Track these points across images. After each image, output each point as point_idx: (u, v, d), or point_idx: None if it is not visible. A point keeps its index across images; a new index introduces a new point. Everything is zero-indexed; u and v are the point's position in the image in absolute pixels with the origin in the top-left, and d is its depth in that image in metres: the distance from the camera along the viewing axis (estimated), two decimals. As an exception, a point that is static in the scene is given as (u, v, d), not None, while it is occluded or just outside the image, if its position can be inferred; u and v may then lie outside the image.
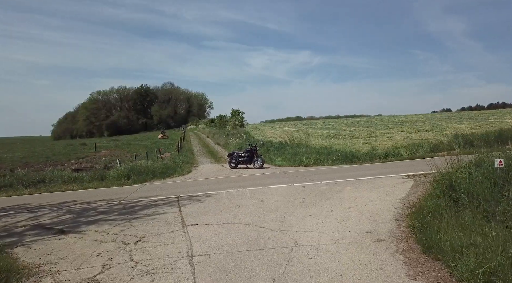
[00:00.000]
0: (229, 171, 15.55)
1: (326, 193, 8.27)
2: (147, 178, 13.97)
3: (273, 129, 41.59)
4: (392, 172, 10.52)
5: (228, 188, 9.86)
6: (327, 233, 5.70)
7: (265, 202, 7.80)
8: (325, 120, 53.99)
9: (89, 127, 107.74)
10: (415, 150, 15.85)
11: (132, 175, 14.00)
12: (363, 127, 33.34)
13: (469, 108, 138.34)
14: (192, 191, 9.88)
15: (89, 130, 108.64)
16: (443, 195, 6.59)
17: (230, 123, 40.40)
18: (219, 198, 8.43)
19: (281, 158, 18.30)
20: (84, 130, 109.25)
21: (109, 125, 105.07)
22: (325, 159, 15.76)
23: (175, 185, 11.67)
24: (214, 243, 5.45)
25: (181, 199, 8.64)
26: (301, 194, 8.33)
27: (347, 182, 9.36)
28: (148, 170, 14.60)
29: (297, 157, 16.83)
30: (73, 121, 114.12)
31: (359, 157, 15.53)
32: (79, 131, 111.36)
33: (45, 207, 8.87)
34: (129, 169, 14.34)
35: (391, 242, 5.28)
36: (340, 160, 15.39)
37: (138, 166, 14.77)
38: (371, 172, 10.83)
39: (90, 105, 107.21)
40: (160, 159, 17.53)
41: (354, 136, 27.21)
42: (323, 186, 9.03)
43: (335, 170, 12.61)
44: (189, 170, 16.43)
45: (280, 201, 7.76)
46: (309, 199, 7.78)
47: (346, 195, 7.93)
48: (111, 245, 5.60)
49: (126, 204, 8.47)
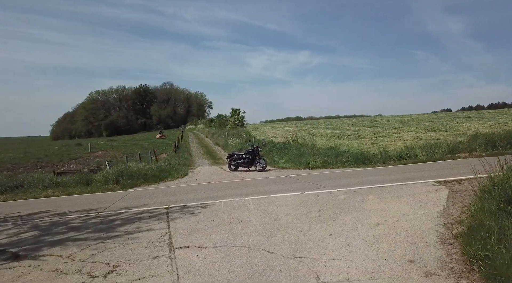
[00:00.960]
0: (228, 174, 14.14)
1: (345, 204, 6.85)
2: (138, 182, 12.54)
3: (274, 129, 40.18)
4: (416, 177, 9.09)
5: (227, 196, 8.45)
6: (356, 262, 4.29)
7: (272, 216, 6.39)
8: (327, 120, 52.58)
9: (88, 127, 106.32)
10: (431, 151, 14.43)
11: (121, 179, 12.57)
12: (367, 127, 31.93)
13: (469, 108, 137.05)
14: (185, 200, 8.45)
15: (87, 130, 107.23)
16: (498, 209, 5.20)
17: (230, 122, 39.00)
18: (216, 210, 7.01)
19: (285, 160, 16.89)
20: (82, 130, 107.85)
21: (108, 125, 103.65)
22: (334, 161, 14.34)
23: (167, 192, 10.25)
24: (209, 276, 4.04)
25: (171, 211, 7.22)
26: (315, 205, 6.91)
27: (368, 190, 7.94)
28: (139, 173, 13.17)
29: (303, 159, 15.42)
30: (72, 121, 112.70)
31: (371, 159, 14.11)
32: (77, 131, 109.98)
33: (10, 220, 7.43)
34: (118, 173, 12.90)
35: (446, 278, 3.86)
36: (351, 162, 13.98)
37: (129, 169, 13.34)
38: (392, 177, 9.40)
39: (88, 105, 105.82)
40: (154, 161, 16.11)
41: (360, 136, 25.80)
42: (340, 194, 7.61)
43: (348, 174, 11.19)
44: (185, 173, 15.01)
45: (290, 215, 6.34)
46: (326, 212, 6.36)
47: (370, 207, 6.52)
48: (72, 279, 4.19)
49: (105, 217, 7.04)
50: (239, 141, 23.99)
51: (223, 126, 41.14)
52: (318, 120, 55.44)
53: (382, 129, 29.21)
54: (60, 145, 44.03)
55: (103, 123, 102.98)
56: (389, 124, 32.26)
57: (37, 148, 44.99)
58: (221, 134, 34.89)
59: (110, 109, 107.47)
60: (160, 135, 46.50)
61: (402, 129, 27.72)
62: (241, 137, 24.87)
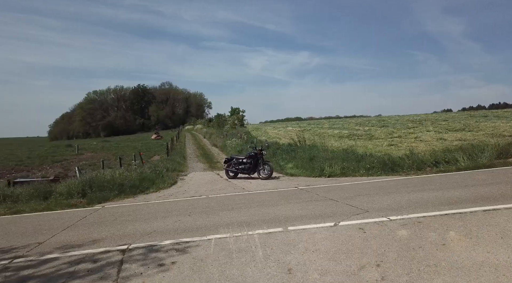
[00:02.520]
0: (225, 183, 11.30)
1: (416, 250, 4.00)
2: (110, 196, 9.68)
3: (276, 129, 37.32)
4: (496, 196, 6.21)
5: (221, 225, 5.59)
6: None
7: (297, 276, 3.55)
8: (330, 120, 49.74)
9: (85, 127, 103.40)
10: (474, 154, 11.59)
11: (89, 191, 9.71)
12: (377, 127, 29.10)
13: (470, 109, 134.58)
14: (158, 232, 5.56)
15: (85, 131, 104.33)
16: None
17: (229, 122, 36.13)
18: (201, 260, 4.14)
19: (292, 164, 14.06)
20: (80, 131, 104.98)
21: (106, 125, 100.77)
22: (355, 167, 11.50)
23: (140, 213, 7.38)
24: None
25: (128, 259, 4.35)
26: (367, 252, 4.05)
27: (438, 219, 5.07)
28: (114, 183, 10.32)
29: (315, 164, 12.59)
30: (70, 121, 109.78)
31: (401, 165, 11.28)
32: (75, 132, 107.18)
33: None
34: (87, 182, 10.04)
35: None
36: (377, 169, 11.14)
37: (101, 177, 10.48)
38: (457, 195, 6.52)
39: (86, 105, 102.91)
40: (135, 167, 13.23)
41: (372, 136, 22.96)
42: (399, 229, 4.75)
43: (384, 187, 8.34)
44: (173, 182, 12.16)
45: (330, 275, 3.49)
46: (393, 271, 3.51)
47: (463, 259, 3.67)
48: None
49: (14, 273, 4.18)
50: (238, 142, 21.11)
51: (222, 126, 38.29)
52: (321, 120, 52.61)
53: (395, 128, 26.38)
54: (50, 146, 41.08)
55: (100, 123, 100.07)
56: (401, 124, 29.42)
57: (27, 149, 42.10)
58: (220, 134, 32.05)
59: (108, 109, 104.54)
60: (155, 136, 43.58)
61: (418, 128, 24.88)
62: (241, 138, 21.99)
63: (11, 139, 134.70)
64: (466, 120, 28.36)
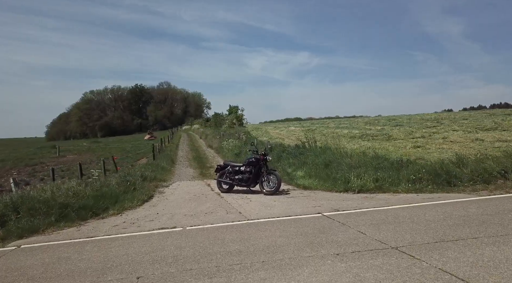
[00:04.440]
0: (216, 201, 8.05)
1: None
2: (45, 223, 6.41)
3: (277, 129, 34.04)
4: None
5: None
6: None
7: None
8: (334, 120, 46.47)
9: (83, 128, 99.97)
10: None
11: (13, 217, 6.46)
12: (390, 126, 25.87)
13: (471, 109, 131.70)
14: None
15: (82, 131, 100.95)
16: None
17: (227, 121, 32.85)
18: None
19: (303, 172, 10.83)
20: (77, 131, 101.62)
21: (103, 126, 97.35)
22: (394, 178, 8.24)
23: (57, 271, 4.12)
24: None
25: None
26: None
27: None
28: (53, 203, 7.06)
29: (334, 172, 9.38)
30: (67, 122, 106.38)
31: (458, 176, 8.02)
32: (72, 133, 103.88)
33: None
34: (10, 204, 6.78)
35: None
36: (426, 181, 7.90)
37: (36, 196, 7.21)
38: None
39: (83, 105, 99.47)
40: (94, 177, 9.93)
41: (390, 136, 19.71)
42: None
43: (469, 217, 5.10)
44: (146, 197, 8.88)
45: None
46: None
47: None
48: None
49: None
50: (236, 143, 17.84)
51: (220, 126, 35.04)
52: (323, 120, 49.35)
53: (412, 128, 23.15)
54: (35, 147, 37.71)
55: (97, 124, 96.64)
56: (417, 123, 26.17)
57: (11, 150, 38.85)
58: (216, 134, 28.80)
59: (105, 109, 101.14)
60: (149, 136, 40.27)
61: (441, 128, 21.66)
62: (239, 139, 18.72)
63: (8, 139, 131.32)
64: (489, 118, 25.13)
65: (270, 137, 26.61)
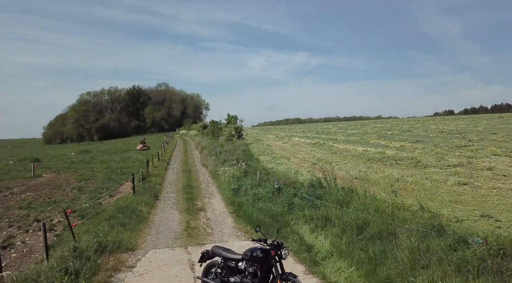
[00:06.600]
0: None
1: None
2: None
3: (280, 140, 30.58)
4: None
5: None
6: None
7: None
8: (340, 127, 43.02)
9: (79, 130, 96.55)
10: None
11: None
12: (408, 142, 22.37)
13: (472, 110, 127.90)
14: None
15: (79, 133, 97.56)
16: None
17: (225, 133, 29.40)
18: None
19: (328, 241, 7.44)
20: (73, 133, 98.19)
21: (100, 128, 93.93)
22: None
23: None
24: None
25: None
26: None
27: None
28: None
29: (379, 256, 5.98)
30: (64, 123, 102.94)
31: None
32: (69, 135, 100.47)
33: None
34: None
35: None
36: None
37: None
38: None
39: (79, 107, 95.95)
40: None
41: (418, 162, 16.23)
42: None
43: None
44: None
45: None
46: None
47: None
48: None
49: None
50: (235, 172, 14.37)
51: (217, 136, 31.57)
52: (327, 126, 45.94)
53: (438, 147, 19.66)
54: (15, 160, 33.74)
55: (94, 126, 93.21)
56: (439, 138, 22.66)
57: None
58: (213, 149, 25.38)
59: (102, 111, 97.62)
60: (141, 146, 36.70)
61: (474, 149, 18.17)
62: (238, 164, 15.25)
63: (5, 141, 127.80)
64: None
65: (272, 153, 23.16)
